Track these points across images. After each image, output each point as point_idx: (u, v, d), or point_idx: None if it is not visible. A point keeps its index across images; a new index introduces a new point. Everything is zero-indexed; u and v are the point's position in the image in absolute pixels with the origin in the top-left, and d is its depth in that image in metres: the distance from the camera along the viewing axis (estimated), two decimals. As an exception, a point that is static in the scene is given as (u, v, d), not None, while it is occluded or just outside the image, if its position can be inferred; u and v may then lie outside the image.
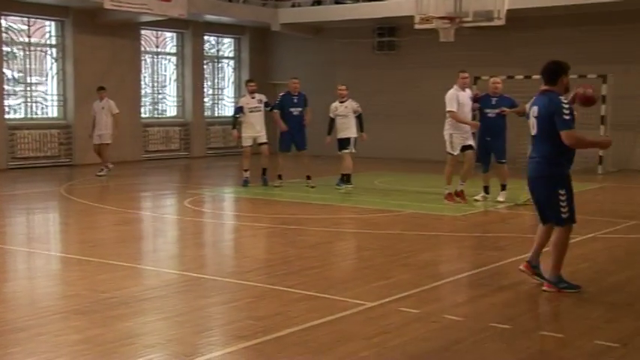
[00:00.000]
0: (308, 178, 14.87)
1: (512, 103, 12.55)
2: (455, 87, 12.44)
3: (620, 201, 13.53)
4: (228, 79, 24.73)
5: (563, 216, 6.90)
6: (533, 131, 7.02)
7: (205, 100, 23.81)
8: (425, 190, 14.77)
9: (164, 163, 21.15)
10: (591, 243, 9.48)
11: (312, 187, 14.62)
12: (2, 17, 18.47)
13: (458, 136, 12.40)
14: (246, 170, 14.99)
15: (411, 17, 17.30)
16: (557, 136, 6.74)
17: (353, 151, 14.42)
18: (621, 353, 5.33)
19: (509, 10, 16.26)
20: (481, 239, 9.96)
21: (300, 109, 14.98)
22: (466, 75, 12.60)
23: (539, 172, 6.98)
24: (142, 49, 21.88)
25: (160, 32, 22.48)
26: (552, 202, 6.90)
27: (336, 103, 14.64)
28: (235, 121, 15.36)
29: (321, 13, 22.62)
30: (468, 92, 12.66)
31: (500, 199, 12.61)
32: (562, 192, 6.85)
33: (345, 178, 14.42)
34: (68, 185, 15.77)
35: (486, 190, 12.84)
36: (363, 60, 22.82)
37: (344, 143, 14.42)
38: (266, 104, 15.19)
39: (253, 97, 15.15)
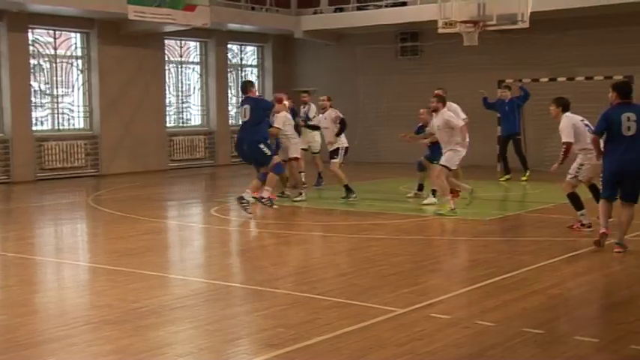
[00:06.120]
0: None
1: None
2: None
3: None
4: (252, 88, 24.76)
5: None
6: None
7: (229, 108, 23.90)
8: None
9: (189, 171, 21.23)
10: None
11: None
12: (29, 30, 18.66)
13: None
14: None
15: (435, 22, 17.26)
16: None
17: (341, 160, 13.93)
18: (658, 358, 5.26)
19: (532, 13, 16.17)
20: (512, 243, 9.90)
21: None
22: None
23: None
24: (166, 58, 22.01)
25: (183, 42, 22.61)
26: None
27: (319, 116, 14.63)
28: None
29: (343, 19, 22.62)
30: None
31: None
32: None
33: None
34: (95, 195, 15.87)
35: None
36: (386, 66, 22.77)
37: (333, 154, 13.89)
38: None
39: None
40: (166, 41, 21.84)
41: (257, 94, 14.29)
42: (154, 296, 7.04)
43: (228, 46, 23.65)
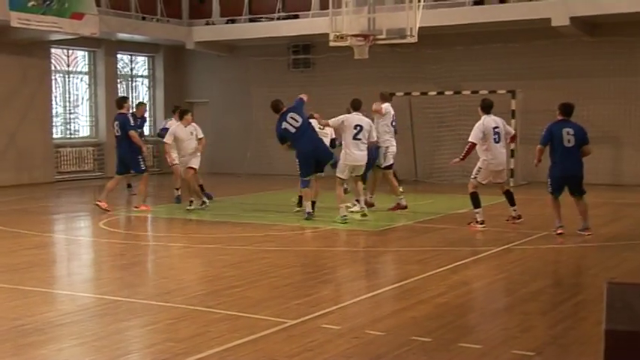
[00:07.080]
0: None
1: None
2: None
3: (532, 212, 13.88)
4: (143, 98, 24.37)
5: None
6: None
7: (119, 119, 23.37)
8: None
9: (77, 184, 20.66)
10: (506, 254, 9.72)
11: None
12: None
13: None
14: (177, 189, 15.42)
15: (326, 35, 17.46)
16: None
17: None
18: (538, 361, 5.47)
19: (421, 28, 16.59)
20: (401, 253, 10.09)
21: None
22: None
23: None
24: (53, 68, 21.38)
25: (71, 51, 22.03)
26: None
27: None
28: None
29: (235, 31, 22.58)
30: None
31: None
32: None
33: None
34: (-24, 209, 15.22)
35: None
36: (279, 78, 22.84)
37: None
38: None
39: None
40: (53, 50, 21.23)
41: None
42: (37, 313, 6.80)
43: (118, 56, 23.21)
